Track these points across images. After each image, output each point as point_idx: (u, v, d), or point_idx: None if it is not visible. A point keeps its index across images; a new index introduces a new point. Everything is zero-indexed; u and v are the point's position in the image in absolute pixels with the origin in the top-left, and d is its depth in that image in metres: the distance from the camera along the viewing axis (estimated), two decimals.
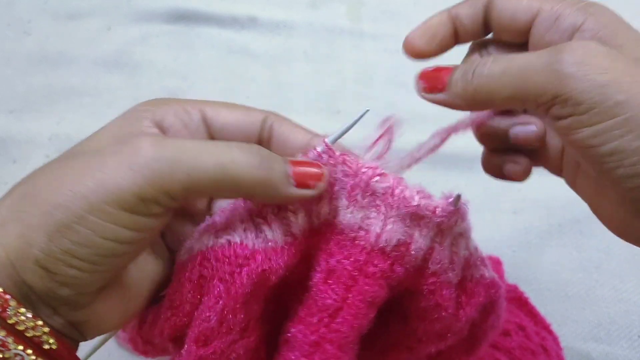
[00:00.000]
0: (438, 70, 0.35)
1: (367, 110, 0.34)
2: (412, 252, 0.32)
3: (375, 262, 0.31)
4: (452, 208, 0.31)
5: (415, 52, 0.37)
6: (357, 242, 0.32)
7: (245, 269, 0.30)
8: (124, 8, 0.80)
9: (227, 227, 0.32)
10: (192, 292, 0.32)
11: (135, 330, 0.37)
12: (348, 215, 0.32)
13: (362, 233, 0.32)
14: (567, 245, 0.62)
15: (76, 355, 0.30)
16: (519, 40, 0.36)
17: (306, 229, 0.32)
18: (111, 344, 0.46)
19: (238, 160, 0.28)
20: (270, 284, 0.32)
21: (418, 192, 0.31)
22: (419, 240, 0.32)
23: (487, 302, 0.36)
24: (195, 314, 0.31)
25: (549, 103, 0.29)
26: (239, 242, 0.31)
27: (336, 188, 0.32)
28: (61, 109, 0.72)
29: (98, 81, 0.74)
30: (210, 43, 0.78)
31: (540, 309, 0.57)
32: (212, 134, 0.33)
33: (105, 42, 0.77)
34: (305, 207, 0.32)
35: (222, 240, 0.31)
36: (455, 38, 0.38)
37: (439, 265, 0.33)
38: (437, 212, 0.31)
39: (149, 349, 0.38)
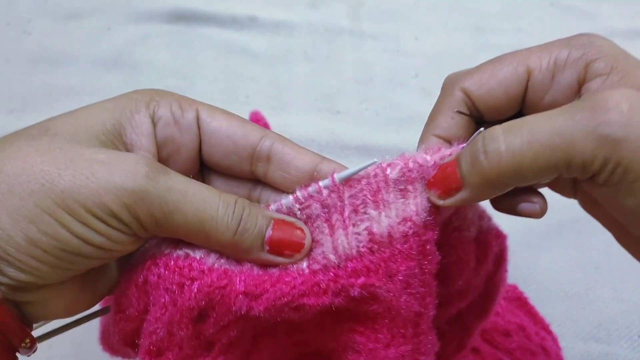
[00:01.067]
0: (443, 170, 0.30)
1: (375, 161, 0.31)
2: (442, 211, 0.31)
3: (427, 237, 0.30)
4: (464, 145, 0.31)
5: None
6: (407, 241, 0.30)
7: (197, 282, 0.29)
8: (124, 8, 0.80)
9: (192, 244, 0.30)
10: (136, 296, 0.30)
11: (103, 334, 0.37)
12: (384, 220, 0.30)
13: (404, 227, 0.30)
14: (567, 245, 0.62)
15: (21, 324, 0.28)
16: (514, 112, 0.33)
17: (307, 267, 0.30)
18: None
19: (217, 218, 0.29)
20: (235, 307, 0.29)
21: (427, 152, 0.31)
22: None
23: (497, 253, 0.36)
24: (145, 324, 0.30)
25: (595, 170, 0.26)
26: (198, 257, 0.30)
27: (346, 214, 0.30)
28: (61, 108, 0.71)
29: (98, 81, 0.74)
30: (210, 43, 0.78)
31: (540, 309, 0.57)
32: (202, 136, 0.33)
33: (105, 42, 0.77)
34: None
35: (180, 252, 0.30)
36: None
37: (462, 220, 0.32)
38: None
39: (120, 353, 0.37)
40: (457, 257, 0.33)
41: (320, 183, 0.30)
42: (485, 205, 0.36)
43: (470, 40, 0.80)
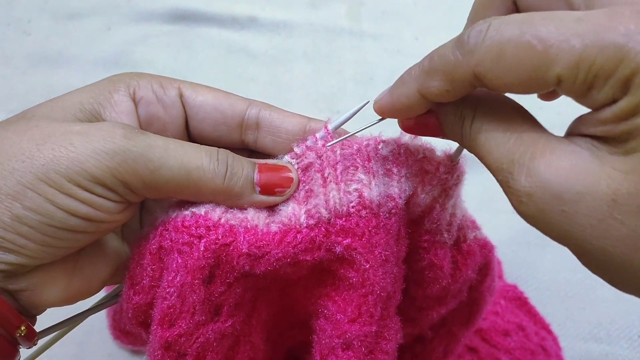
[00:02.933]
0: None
1: (368, 102, 0.32)
2: (411, 206, 0.32)
3: (403, 222, 0.31)
4: (451, 162, 0.31)
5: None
6: (391, 218, 0.31)
7: (203, 240, 0.29)
8: (124, 8, 0.80)
9: (200, 202, 0.31)
10: (151, 264, 0.30)
11: (113, 322, 0.36)
12: (374, 189, 0.30)
13: (390, 203, 0.31)
14: None
15: (14, 311, 0.28)
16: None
17: (305, 221, 0.30)
18: (112, 345, 0.46)
19: (204, 167, 0.29)
20: (237, 265, 0.29)
21: (421, 145, 0.32)
22: (421, 196, 0.32)
23: (482, 263, 0.36)
24: (158, 292, 0.30)
25: None
26: (203, 213, 0.30)
27: (339, 171, 0.31)
28: None
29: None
30: (210, 43, 0.78)
31: (540, 309, 0.57)
32: (188, 111, 0.33)
33: (105, 42, 0.77)
34: (298, 198, 0.31)
35: (187, 212, 0.30)
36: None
37: (435, 225, 0.33)
38: (440, 168, 0.31)
39: (132, 339, 0.37)
40: (430, 262, 0.34)
41: (317, 134, 0.31)
42: (466, 197, 0.36)
43: None
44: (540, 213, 0.23)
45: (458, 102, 0.27)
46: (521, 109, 0.26)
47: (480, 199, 0.64)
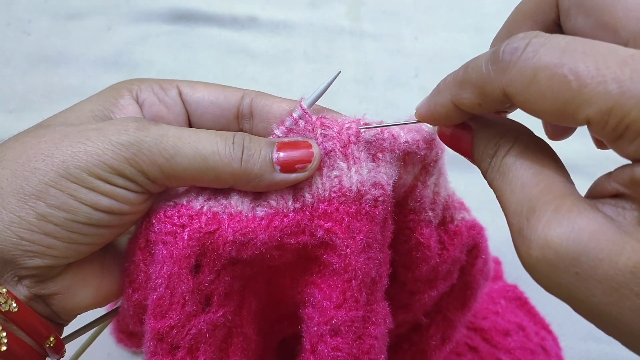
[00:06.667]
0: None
1: (340, 72, 0.33)
2: (396, 188, 0.32)
3: (390, 209, 0.31)
4: (431, 138, 0.31)
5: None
6: (376, 206, 0.30)
7: (187, 229, 0.29)
8: (124, 8, 0.80)
9: (183, 193, 0.31)
10: (143, 260, 0.30)
11: (117, 324, 0.36)
12: (354, 176, 0.30)
13: (376, 191, 0.30)
14: None
15: (44, 321, 0.28)
16: None
17: (292, 205, 0.30)
18: (112, 345, 0.46)
19: (219, 152, 0.29)
20: (224, 252, 0.29)
21: (401, 128, 0.31)
22: (404, 177, 0.32)
23: (471, 244, 0.36)
24: (149, 284, 0.30)
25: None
26: (185, 202, 0.30)
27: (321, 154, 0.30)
28: (61, 108, 0.71)
29: (98, 81, 0.74)
30: (210, 43, 0.78)
31: (540, 309, 0.57)
32: (188, 108, 0.34)
33: (105, 42, 0.77)
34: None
35: (169, 202, 0.30)
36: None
37: (418, 203, 0.33)
38: (420, 145, 0.31)
39: (136, 342, 0.37)
40: (417, 241, 0.34)
41: (294, 114, 0.31)
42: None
43: (470, 40, 0.80)
44: (550, 269, 0.22)
45: (497, 130, 0.26)
46: (558, 160, 0.25)
47: (481, 199, 0.64)
